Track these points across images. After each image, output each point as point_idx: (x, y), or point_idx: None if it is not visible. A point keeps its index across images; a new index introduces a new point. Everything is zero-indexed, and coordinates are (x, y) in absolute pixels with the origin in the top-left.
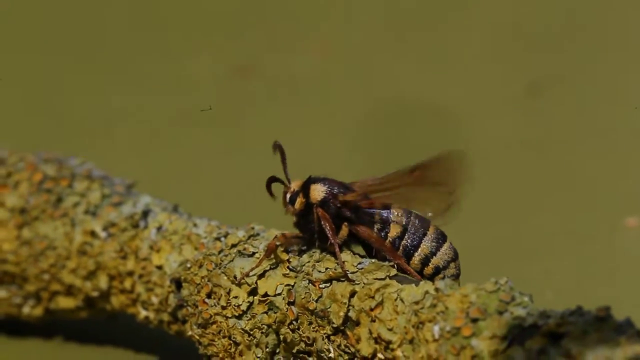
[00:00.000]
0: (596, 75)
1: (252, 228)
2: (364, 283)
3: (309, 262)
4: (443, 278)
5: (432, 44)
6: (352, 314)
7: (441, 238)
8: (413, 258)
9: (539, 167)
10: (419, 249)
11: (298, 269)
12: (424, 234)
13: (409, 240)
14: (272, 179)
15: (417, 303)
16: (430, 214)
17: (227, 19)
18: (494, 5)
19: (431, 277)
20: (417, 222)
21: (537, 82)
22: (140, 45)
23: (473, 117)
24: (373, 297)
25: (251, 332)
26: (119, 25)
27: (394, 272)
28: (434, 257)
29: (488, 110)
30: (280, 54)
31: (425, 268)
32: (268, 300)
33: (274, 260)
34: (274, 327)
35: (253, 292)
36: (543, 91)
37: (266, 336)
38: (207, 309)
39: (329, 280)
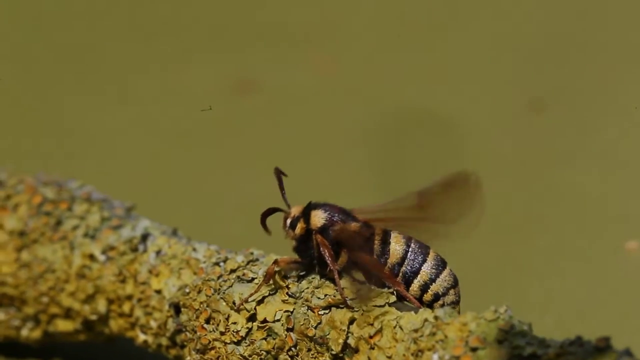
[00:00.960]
0: (600, 92)
1: (252, 253)
2: (363, 310)
3: (308, 288)
4: (443, 305)
5: (435, 58)
6: (351, 341)
7: (441, 265)
8: (412, 285)
9: (541, 186)
10: (419, 276)
11: (297, 295)
12: (424, 261)
13: (408, 267)
14: (269, 212)
15: (416, 331)
16: (431, 240)
17: (227, 34)
18: (498, 18)
19: (430, 304)
20: (416, 248)
21: (540, 97)
22: (138, 61)
23: (476, 133)
24: (372, 325)
25: (250, 358)
26: (117, 41)
27: (393, 299)
28: (434, 283)
29: (491, 126)
30: (281, 69)
31: (425, 295)
32: (267, 327)
33: (272, 286)
34: (272, 353)
35: (252, 318)
36: (547, 107)
37: None
38: (205, 335)
39: (328, 307)
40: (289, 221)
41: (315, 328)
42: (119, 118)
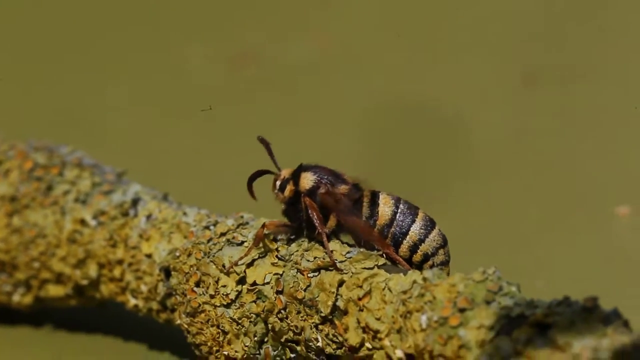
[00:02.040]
0: (589, 67)
1: (242, 217)
2: (352, 272)
3: (297, 251)
4: (432, 266)
5: (430, 36)
6: (340, 303)
7: (430, 224)
8: (402, 245)
9: (532, 157)
10: (408, 236)
11: (286, 258)
12: (413, 221)
13: (397, 228)
14: (256, 174)
15: (405, 292)
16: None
17: (224, 7)
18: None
19: (420, 264)
20: (405, 209)
21: (532, 73)
22: (134, 34)
23: (467, 109)
24: (361, 287)
25: (239, 321)
26: (113, 14)
27: (382, 261)
28: (423, 243)
29: (483, 103)
30: (278, 43)
31: (414, 255)
32: (256, 289)
33: (262, 249)
34: (262, 316)
35: (241, 281)
36: (537, 83)
37: (254, 325)
38: (195, 298)
39: (318, 270)
40: (278, 183)
41: (305, 290)
42: (114, 90)
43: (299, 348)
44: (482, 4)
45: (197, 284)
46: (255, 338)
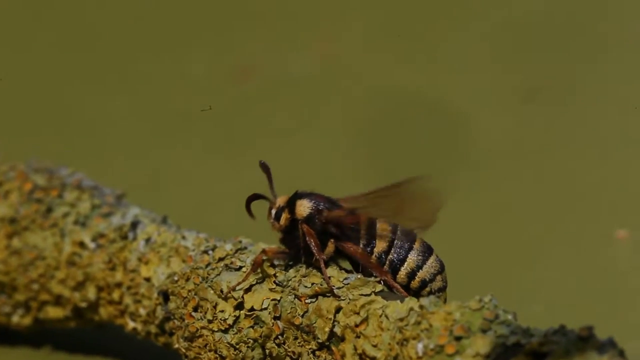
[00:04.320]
0: (592, 81)
1: (240, 242)
2: (349, 299)
3: (295, 277)
4: (430, 292)
5: (431, 45)
6: (337, 329)
7: (427, 251)
8: (399, 272)
9: (532, 174)
10: (405, 263)
11: (284, 283)
12: (410, 248)
13: (395, 255)
14: (253, 197)
15: (401, 320)
16: (417, 227)
17: (225, 19)
18: (494, 5)
19: (418, 291)
20: (403, 236)
21: (534, 85)
22: (135, 46)
23: (468, 120)
24: (358, 313)
25: (237, 346)
26: (115, 28)
27: (379, 287)
28: (421, 270)
29: (483, 113)
30: (279, 55)
31: (412, 282)
32: (254, 315)
33: (260, 275)
34: (259, 341)
35: (239, 306)
36: (539, 96)
37: (252, 350)
38: (193, 322)
39: (315, 296)
40: (273, 212)
41: (302, 316)
42: (112, 106)
43: None
44: (483, 15)
45: (195, 309)
46: None
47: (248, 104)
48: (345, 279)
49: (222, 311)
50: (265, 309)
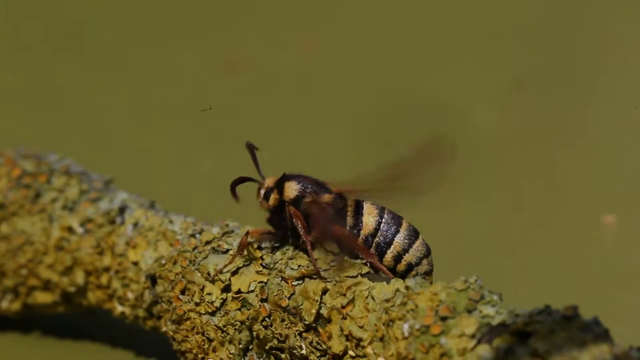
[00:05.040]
0: (580, 72)
1: (227, 225)
2: (335, 281)
3: (281, 259)
4: (416, 275)
5: (423, 38)
6: (323, 311)
7: (414, 235)
8: (386, 255)
9: (521, 162)
10: (392, 246)
11: (271, 266)
12: (397, 231)
13: (381, 238)
14: (239, 180)
15: (387, 301)
16: (405, 210)
17: (216, 11)
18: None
19: (404, 274)
20: (389, 219)
21: (523, 77)
22: (126, 37)
23: (459, 110)
24: (345, 295)
25: (224, 329)
26: (108, 19)
27: (366, 269)
28: (407, 253)
29: (474, 104)
30: (269, 48)
31: (398, 265)
32: (241, 297)
33: (247, 257)
34: (247, 323)
35: (226, 288)
36: (527, 86)
37: (239, 333)
38: (181, 306)
39: (302, 278)
40: (262, 192)
41: (289, 299)
42: (102, 94)
43: (283, 356)
44: (473, 6)
45: (183, 292)
46: (240, 345)
47: (237, 95)
48: (332, 261)
49: (209, 294)
50: (252, 291)
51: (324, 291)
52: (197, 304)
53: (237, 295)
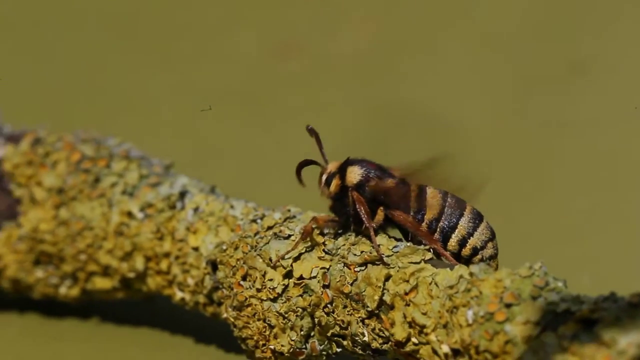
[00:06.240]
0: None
1: (289, 210)
2: (399, 267)
3: (344, 245)
4: (481, 260)
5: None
6: (386, 297)
7: (478, 218)
8: (450, 240)
9: (581, 148)
10: (457, 230)
11: (333, 252)
12: (461, 215)
13: (445, 222)
14: (305, 163)
15: (451, 287)
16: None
17: None
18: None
19: (469, 258)
20: (453, 202)
21: (577, 62)
22: (180, 23)
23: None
24: (408, 281)
25: (286, 315)
26: (162, 5)
27: (429, 255)
28: (472, 237)
29: (527, 91)
30: (324, 33)
31: (463, 249)
32: (303, 283)
33: (309, 243)
34: (308, 310)
35: (288, 274)
36: (586, 72)
37: (301, 319)
38: (242, 292)
39: (364, 264)
40: (324, 177)
41: (351, 285)
42: (161, 79)
43: (345, 342)
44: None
45: (244, 278)
46: (302, 332)
47: (293, 80)
48: (395, 246)
49: (270, 280)
50: (315, 277)
51: (387, 277)
52: (258, 290)
53: (299, 282)
